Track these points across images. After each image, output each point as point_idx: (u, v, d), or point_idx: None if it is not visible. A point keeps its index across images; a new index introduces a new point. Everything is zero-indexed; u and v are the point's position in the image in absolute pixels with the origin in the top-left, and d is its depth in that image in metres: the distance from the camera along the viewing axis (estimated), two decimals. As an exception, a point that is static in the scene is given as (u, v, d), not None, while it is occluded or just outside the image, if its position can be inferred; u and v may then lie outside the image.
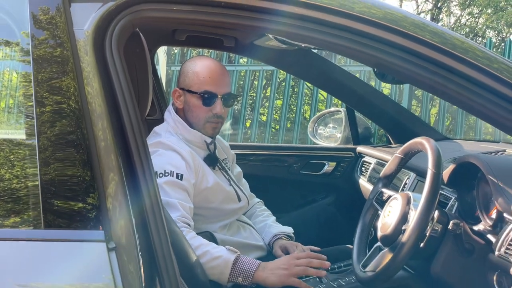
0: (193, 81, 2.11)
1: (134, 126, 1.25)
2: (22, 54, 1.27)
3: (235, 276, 1.84)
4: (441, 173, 1.59)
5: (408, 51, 1.34)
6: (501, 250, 1.51)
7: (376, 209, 1.86)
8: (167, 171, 1.99)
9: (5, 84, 1.43)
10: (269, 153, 2.95)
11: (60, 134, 1.19)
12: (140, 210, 1.21)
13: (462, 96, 1.36)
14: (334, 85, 2.67)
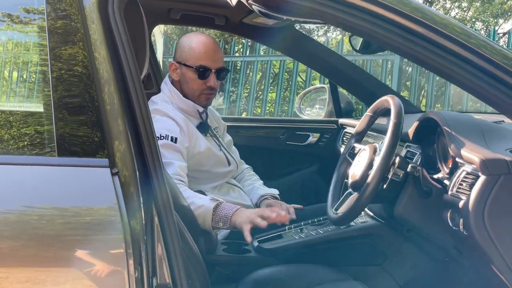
0: (189, 56, 2.33)
1: (137, 90, 1.43)
2: (38, 26, 1.48)
3: (216, 222, 2.02)
4: (402, 124, 1.81)
5: (392, 22, 1.49)
6: (453, 189, 1.74)
7: (348, 161, 2.08)
8: (163, 135, 2.21)
9: (24, 52, 1.64)
10: (258, 125, 3.17)
11: (72, 96, 1.38)
12: (138, 143, 1.42)
13: (441, 65, 1.53)
14: (317, 61, 2.89)
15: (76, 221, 1.35)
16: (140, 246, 1.33)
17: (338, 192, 2.07)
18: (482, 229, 1.59)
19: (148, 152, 1.40)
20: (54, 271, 1.33)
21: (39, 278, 1.32)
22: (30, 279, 1.31)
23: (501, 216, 1.60)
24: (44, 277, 1.33)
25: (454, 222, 1.73)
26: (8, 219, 1.33)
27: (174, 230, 1.42)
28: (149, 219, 1.40)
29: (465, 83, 1.52)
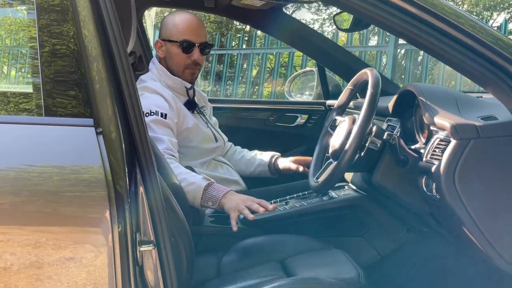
0: (173, 32, 2.41)
1: (125, 67, 1.47)
2: (27, 3, 1.55)
3: (206, 201, 2.10)
4: (378, 93, 1.88)
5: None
6: (428, 156, 1.81)
7: (330, 133, 2.16)
8: (153, 111, 2.28)
9: (12, 29, 1.71)
10: (248, 106, 3.24)
11: (59, 72, 1.43)
12: (123, 106, 1.49)
13: (429, 43, 1.60)
14: (304, 43, 2.95)
15: (61, 178, 1.42)
16: (123, 203, 1.39)
17: (320, 162, 2.14)
18: (453, 191, 1.66)
19: (132, 116, 1.46)
20: (37, 225, 1.41)
21: (25, 231, 1.40)
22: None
23: (471, 179, 1.66)
24: (30, 231, 1.40)
25: (428, 188, 1.81)
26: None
27: (157, 189, 1.48)
28: (132, 178, 1.47)
29: (456, 62, 1.60)
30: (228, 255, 2.10)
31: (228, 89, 8.22)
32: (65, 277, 1.39)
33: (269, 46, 7.50)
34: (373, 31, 7.69)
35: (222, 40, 8.54)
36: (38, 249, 1.39)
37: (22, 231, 1.40)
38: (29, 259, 1.38)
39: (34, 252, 1.38)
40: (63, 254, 1.40)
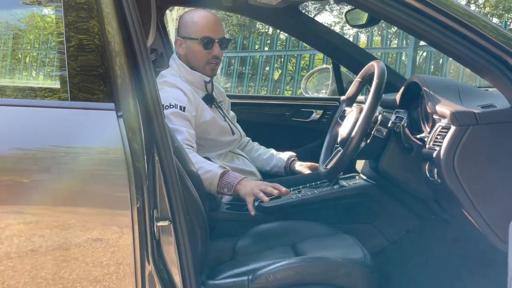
0: (193, 29, 2.53)
1: (144, 60, 1.58)
2: (55, 1, 1.67)
3: (221, 187, 2.23)
4: (383, 83, 1.98)
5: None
6: (430, 143, 1.90)
7: (339, 123, 2.26)
8: (172, 104, 2.41)
9: (41, 25, 1.84)
10: (265, 102, 3.36)
11: (86, 66, 1.56)
12: (142, 93, 1.61)
13: (434, 37, 1.68)
14: (319, 41, 3.06)
15: (86, 158, 1.55)
16: (142, 182, 1.52)
17: (330, 151, 2.25)
18: (453, 175, 1.76)
19: (149, 97, 1.58)
20: (65, 206, 1.54)
21: (55, 204, 1.53)
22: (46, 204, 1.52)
23: (469, 163, 1.76)
24: (59, 212, 1.53)
25: (430, 173, 1.90)
26: (28, 155, 1.53)
27: (173, 171, 1.60)
28: (150, 159, 1.59)
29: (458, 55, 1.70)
30: (243, 240, 2.21)
31: (250, 91, 8.35)
32: (91, 258, 1.53)
33: (291, 48, 7.62)
34: (394, 33, 7.76)
35: (244, 42, 8.68)
36: (66, 230, 1.52)
37: (52, 212, 1.53)
38: (57, 241, 1.51)
39: (62, 233, 1.52)
40: (90, 235, 1.53)
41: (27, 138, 1.54)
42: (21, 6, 1.80)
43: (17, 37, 1.82)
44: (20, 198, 1.51)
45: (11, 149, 1.54)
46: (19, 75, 1.76)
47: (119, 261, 1.54)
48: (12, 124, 1.56)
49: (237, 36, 9.09)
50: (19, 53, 1.82)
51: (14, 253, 1.50)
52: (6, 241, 1.49)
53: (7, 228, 1.49)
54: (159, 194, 1.60)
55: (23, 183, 1.52)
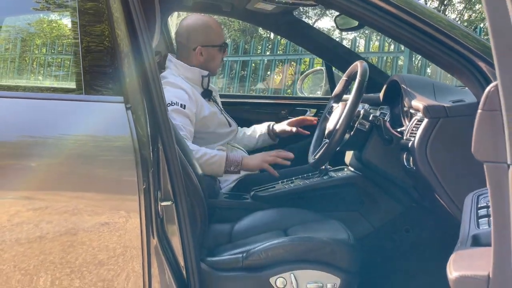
0: (214, 37, 2.76)
1: (151, 62, 1.78)
2: (70, 8, 1.88)
3: (229, 166, 2.50)
4: (365, 81, 2.19)
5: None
6: (407, 135, 2.11)
7: (327, 118, 2.47)
8: (173, 102, 2.62)
9: (57, 29, 2.06)
10: (262, 101, 3.58)
11: (98, 63, 1.76)
12: (147, 88, 1.82)
13: (409, 39, 1.92)
14: (313, 44, 3.28)
15: (97, 145, 1.76)
16: (147, 166, 1.72)
17: (319, 143, 2.46)
18: (425, 162, 1.96)
19: (154, 93, 1.79)
20: (75, 191, 1.74)
21: (68, 183, 1.74)
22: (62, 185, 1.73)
23: (440, 152, 1.96)
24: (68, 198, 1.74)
25: (407, 162, 2.11)
26: (47, 143, 1.74)
27: (175, 157, 1.81)
28: (155, 147, 1.80)
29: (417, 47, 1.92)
30: (239, 225, 2.41)
31: (252, 93, 8.56)
32: (97, 242, 1.73)
33: (291, 52, 7.84)
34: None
35: (246, 47, 8.90)
36: (75, 216, 1.72)
37: (61, 198, 1.73)
38: (65, 226, 1.71)
39: (71, 219, 1.71)
40: (98, 220, 1.73)
41: (45, 127, 1.75)
42: (42, 12, 2.02)
43: (38, 40, 2.04)
44: (36, 184, 1.71)
45: (32, 138, 1.75)
46: (41, 73, 1.97)
47: (127, 244, 1.74)
48: (33, 115, 1.77)
49: (239, 40, 9.32)
50: (41, 55, 2.04)
51: (24, 239, 1.69)
52: (17, 227, 1.68)
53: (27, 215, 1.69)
54: (162, 178, 1.80)
55: (41, 169, 1.72)
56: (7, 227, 1.68)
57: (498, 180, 0.95)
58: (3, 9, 2.00)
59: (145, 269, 1.75)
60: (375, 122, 2.22)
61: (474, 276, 1.01)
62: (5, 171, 1.71)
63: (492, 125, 0.94)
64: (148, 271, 1.76)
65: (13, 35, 2.05)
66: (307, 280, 1.97)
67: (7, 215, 1.68)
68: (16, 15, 2.05)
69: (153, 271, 1.76)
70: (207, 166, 2.48)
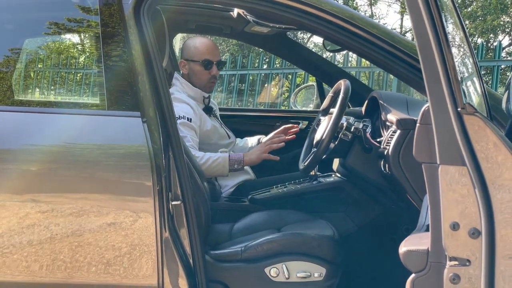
0: (195, 53, 3.07)
1: (162, 80, 2.09)
2: (94, 31, 2.19)
3: (232, 165, 2.82)
4: (348, 97, 2.52)
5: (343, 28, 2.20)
6: (384, 144, 2.43)
7: (315, 130, 2.79)
8: (181, 116, 2.93)
9: (83, 50, 2.38)
10: (258, 114, 3.90)
11: (118, 83, 2.08)
12: (159, 104, 2.13)
13: (361, 50, 2.25)
14: (305, 62, 3.62)
15: (119, 152, 2.08)
16: (160, 171, 2.03)
17: (308, 152, 2.78)
18: (398, 168, 2.27)
19: (166, 109, 2.11)
20: (102, 185, 2.05)
21: (92, 188, 2.05)
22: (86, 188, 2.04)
23: (410, 158, 2.24)
24: (95, 188, 2.05)
25: (384, 168, 2.42)
26: (72, 151, 2.05)
27: (183, 163, 2.11)
28: (167, 155, 2.10)
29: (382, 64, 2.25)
30: (238, 225, 2.71)
31: (249, 106, 8.88)
32: (104, 241, 2.02)
33: (287, 66, 8.16)
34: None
35: (243, 61, 9.23)
36: (81, 217, 2.01)
37: (67, 199, 2.00)
38: (71, 228, 1.99)
39: (76, 221, 1.99)
40: (105, 220, 2.03)
41: (72, 138, 2.06)
42: (69, 34, 2.34)
43: (67, 60, 2.37)
44: (63, 188, 2.02)
45: (60, 147, 2.05)
46: (69, 91, 2.30)
47: (142, 237, 2.02)
48: (62, 128, 2.08)
49: (237, 54, 9.66)
50: (70, 73, 2.37)
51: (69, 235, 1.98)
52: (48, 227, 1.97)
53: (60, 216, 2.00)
54: (172, 181, 2.11)
55: (69, 175, 2.03)
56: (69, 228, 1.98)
57: (432, 177, 1.27)
58: (38, 32, 2.32)
59: (159, 259, 2.05)
60: (357, 133, 2.53)
61: (417, 250, 1.33)
62: (47, 176, 2.02)
63: (427, 135, 1.27)
64: (161, 261, 2.06)
65: (47, 56, 2.37)
66: (297, 269, 2.28)
67: (58, 218, 1.98)
68: (48, 38, 2.38)
69: (165, 261, 2.05)
70: (213, 168, 2.80)
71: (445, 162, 1.30)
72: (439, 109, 1.28)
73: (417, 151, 1.33)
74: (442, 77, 1.27)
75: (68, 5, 2.27)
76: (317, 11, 2.20)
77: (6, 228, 1.95)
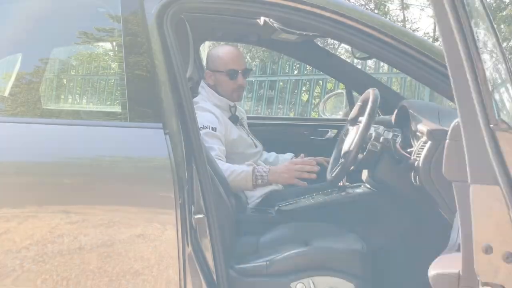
0: (219, 63, 3.03)
1: (185, 90, 2.06)
2: (117, 41, 2.17)
3: (256, 180, 2.73)
4: (376, 107, 2.44)
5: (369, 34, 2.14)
6: (414, 155, 2.35)
7: (343, 140, 2.72)
8: (205, 125, 2.88)
9: (106, 59, 2.35)
10: (287, 122, 3.85)
11: (139, 91, 2.05)
12: (182, 114, 2.08)
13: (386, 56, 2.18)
14: (333, 70, 3.55)
15: (141, 165, 2.04)
16: (183, 184, 1.99)
17: (336, 162, 2.70)
18: (429, 180, 2.19)
19: (189, 120, 2.07)
20: (125, 198, 2.01)
21: (114, 202, 2.01)
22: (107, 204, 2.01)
23: (441, 171, 2.19)
24: (118, 201, 2.01)
25: (415, 180, 2.34)
26: (96, 163, 2.03)
27: (207, 175, 2.07)
28: (190, 167, 2.06)
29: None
30: (264, 237, 2.64)
31: (279, 113, 8.83)
32: (133, 252, 1.99)
33: (318, 72, 8.09)
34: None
35: (273, 67, 9.19)
36: (111, 228, 1.98)
37: (97, 211, 1.98)
38: (101, 238, 1.97)
39: (107, 231, 1.97)
40: (133, 232, 2.00)
41: (95, 150, 2.04)
42: (91, 44, 2.32)
43: (90, 69, 2.35)
44: (87, 200, 1.99)
45: (84, 159, 2.03)
46: (91, 101, 2.28)
47: (165, 252, 2.00)
48: (85, 140, 2.06)
49: (267, 61, 9.62)
50: (92, 83, 2.35)
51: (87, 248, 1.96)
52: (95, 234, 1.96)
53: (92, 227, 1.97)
54: (195, 193, 2.07)
55: (93, 187, 2.01)
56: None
57: (463, 196, 1.20)
58: (59, 42, 2.31)
59: (181, 274, 2.01)
60: (386, 144, 2.45)
61: (447, 273, 1.25)
62: (75, 190, 2.00)
63: (457, 151, 1.19)
64: (183, 276, 2.02)
65: (69, 66, 2.36)
66: (324, 285, 2.21)
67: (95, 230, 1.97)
68: (69, 48, 2.36)
69: (188, 276, 2.02)
70: (237, 182, 2.72)
71: (477, 181, 1.22)
72: (469, 125, 1.21)
73: (447, 169, 1.25)
74: (473, 91, 1.19)
75: (90, 14, 2.25)
76: (346, 19, 2.14)
77: (40, 237, 1.94)
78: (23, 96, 2.17)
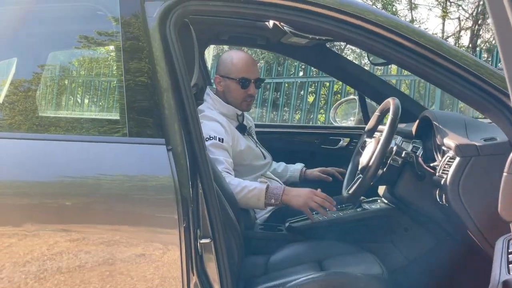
0: (232, 70, 2.82)
1: (189, 97, 1.87)
2: (115, 45, 1.98)
3: (269, 199, 2.50)
4: (398, 119, 2.24)
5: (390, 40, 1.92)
6: (440, 172, 2.15)
7: (360, 153, 2.52)
8: (212, 136, 2.69)
9: (105, 65, 2.17)
10: (298, 131, 3.65)
11: (139, 100, 1.86)
12: (187, 128, 1.90)
13: (434, 77, 1.96)
14: (345, 75, 3.35)
15: (141, 184, 1.85)
16: (187, 205, 1.80)
17: (352, 177, 2.51)
18: (458, 200, 1.99)
19: (193, 133, 1.87)
20: (122, 221, 1.82)
21: (111, 227, 1.82)
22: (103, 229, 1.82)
23: (472, 190, 1.99)
24: (116, 226, 1.82)
25: (440, 198, 2.14)
26: (94, 180, 1.84)
27: (213, 195, 1.88)
28: (194, 186, 1.87)
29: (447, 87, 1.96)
30: (274, 257, 2.47)
31: (285, 115, 8.63)
32: (135, 272, 1.80)
33: (324, 74, 7.90)
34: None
35: (279, 69, 8.99)
36: (111, 247, 1.79)
37: (96, 230, 1.81)
38: (102, 256, 1.79)
39: (107, 250, 1.79)
40: (134, 251, 1.81)
41: (92, 167, 1.84)
42: (90, 49, 2.13)
43: (88, 77, 2.16)
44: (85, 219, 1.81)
45: (83, 177, 1.84)
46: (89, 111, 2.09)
47: (165, 275, 1.82)
48: (80, 156, 1.87)
49: (272, 62, 9.42)
50: (90, 92, 2.15)
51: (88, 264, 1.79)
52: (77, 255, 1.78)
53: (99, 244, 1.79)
54: (201, 216, 1.88)
55: (90, 207, 1.82)
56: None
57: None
58: (56, 47, 2.13)
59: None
60: (408, 159, 2.26)
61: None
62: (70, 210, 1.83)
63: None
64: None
65: (66, 73, 2.16)
66: (342, 314, 2.02)
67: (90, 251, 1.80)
68: (66, 52, 2.17)
69: (192, 302, 1.83)
70: (248, 199, 2.51)
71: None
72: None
73: (503, 207, 1.05)
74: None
75: (88, 17, 2.07)
76: (362, 22, 1.94)
77: (40, 254, 1.79)
78: (18, 105, 1.99)
